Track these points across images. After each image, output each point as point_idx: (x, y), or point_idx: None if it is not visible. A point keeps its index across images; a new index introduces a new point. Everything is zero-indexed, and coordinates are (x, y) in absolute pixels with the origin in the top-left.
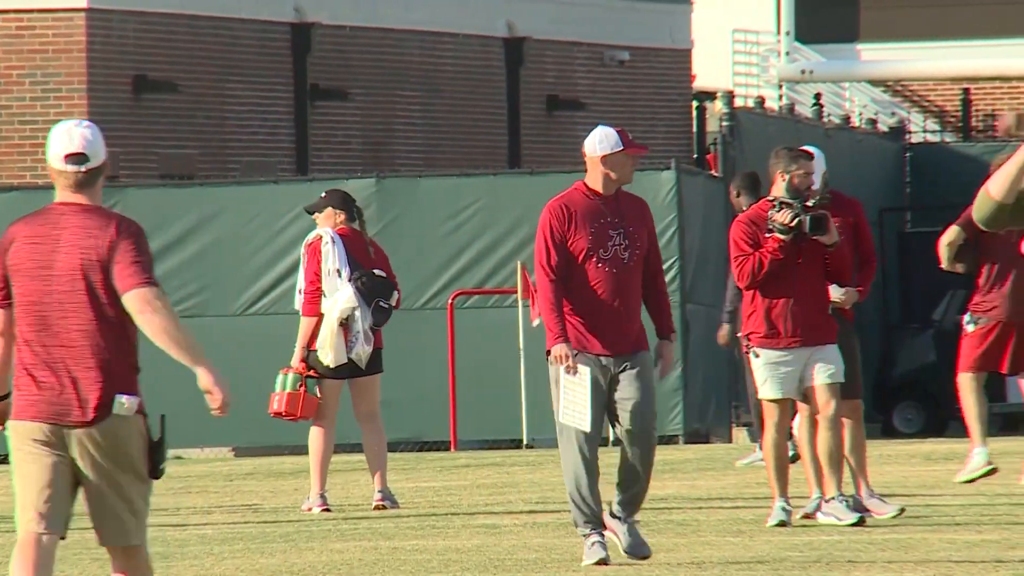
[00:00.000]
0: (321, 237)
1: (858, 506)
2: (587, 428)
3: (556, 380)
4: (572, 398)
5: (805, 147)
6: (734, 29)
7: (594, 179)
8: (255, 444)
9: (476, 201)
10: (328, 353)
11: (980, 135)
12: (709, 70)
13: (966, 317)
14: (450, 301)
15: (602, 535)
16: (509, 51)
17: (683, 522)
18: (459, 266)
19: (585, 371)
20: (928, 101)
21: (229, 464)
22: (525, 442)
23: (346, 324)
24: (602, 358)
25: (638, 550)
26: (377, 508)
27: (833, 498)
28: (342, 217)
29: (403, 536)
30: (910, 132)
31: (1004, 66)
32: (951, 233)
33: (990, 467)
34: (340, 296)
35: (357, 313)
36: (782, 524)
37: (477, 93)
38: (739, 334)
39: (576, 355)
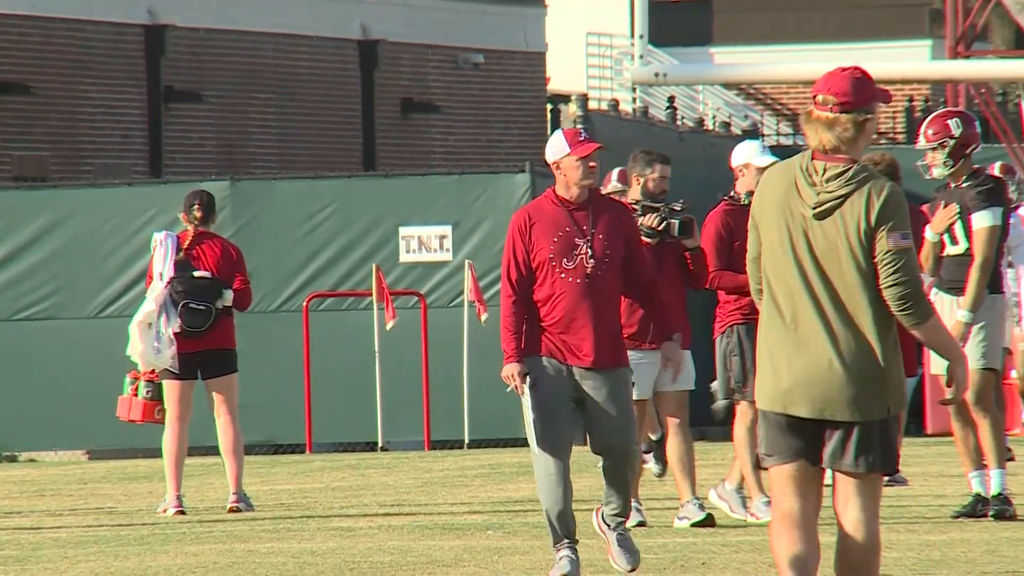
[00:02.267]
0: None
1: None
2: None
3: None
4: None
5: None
6: (588, 32)
7: (560, 186)
8: (109, 447)
9: (331, 203)
10: (138, 360)
11: None
12: (563, 73)
13: None
14: (305, 303)
15: (574, 550)
16: (363, 54)
17: (538, 524)
18: (314, 268)
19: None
20: (781, 104)
21: (83, 467)
22: (380, 445)
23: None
24: (573, 368)
25: (627, 560)
26: (232, 511)
27: (688, 502)
28: (185, 218)
29: (258, 539)
30: (764, 135)
31: None
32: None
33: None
34: (146, 301)
35: (158, 319)
36: (641, 524)
37: (331, 95)
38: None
39: (528, 373)
